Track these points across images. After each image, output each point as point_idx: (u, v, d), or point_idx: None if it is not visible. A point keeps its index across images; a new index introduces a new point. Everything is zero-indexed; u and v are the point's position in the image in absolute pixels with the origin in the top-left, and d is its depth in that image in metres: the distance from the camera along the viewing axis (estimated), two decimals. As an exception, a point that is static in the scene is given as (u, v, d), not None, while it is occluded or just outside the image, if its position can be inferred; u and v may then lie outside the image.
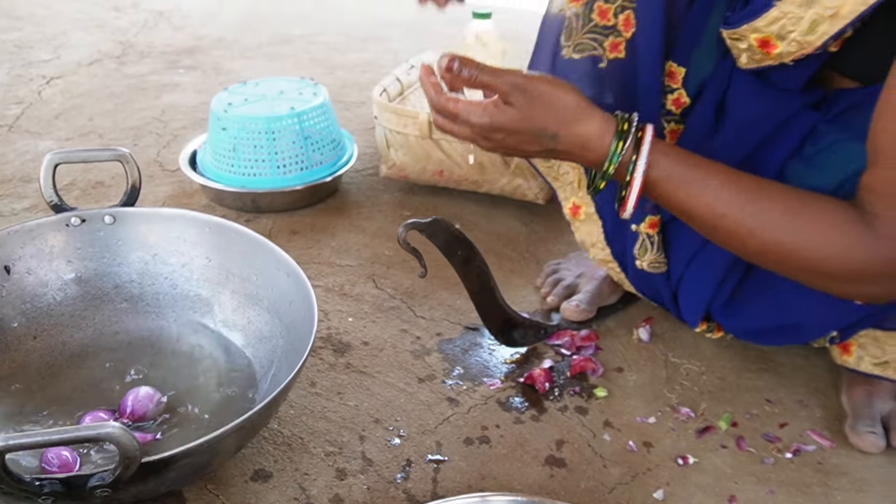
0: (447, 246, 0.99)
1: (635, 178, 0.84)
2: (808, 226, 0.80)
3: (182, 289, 1.08)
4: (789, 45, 0.84)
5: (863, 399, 1.00)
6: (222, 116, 1.42)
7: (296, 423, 0.99)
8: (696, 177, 0.84)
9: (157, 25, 2.59)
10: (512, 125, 0.85)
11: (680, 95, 1.00)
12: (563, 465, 0.94)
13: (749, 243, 0.83)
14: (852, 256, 0.78)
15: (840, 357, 1.00)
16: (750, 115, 0.95)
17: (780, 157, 0.93)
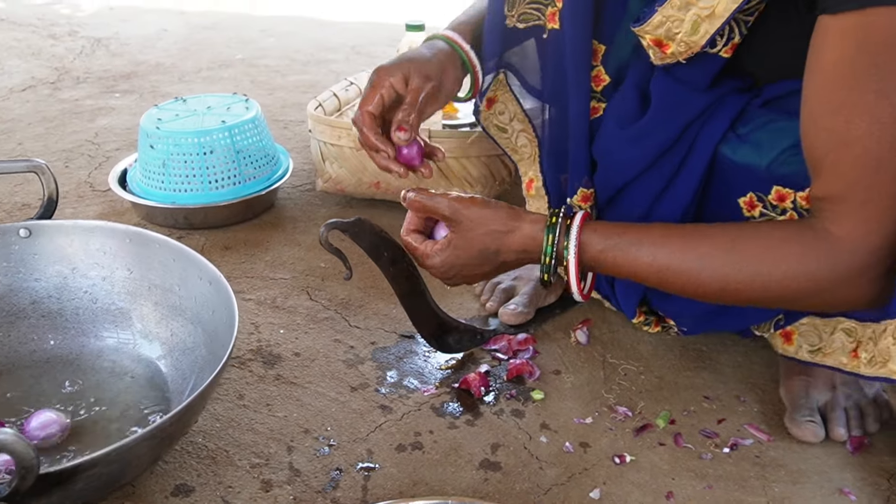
0: (372, 247, 0.96)
1: (570, 261, 0.87)
2: (760, 256, 0.79)
3: (103, 303, 1.04)
4: (678, 45, 0.87)
5: (801, 390, 1.00)
6: (152, 133, 1.39)
7: (221, 437, 0.95)
8: (630, 241, 0.86)
9: (95, 52, 2.55)
10: (457, 258, 0.91)
11: (599, 73, 1.01)
12: (499, 469, 0.91)
13: (705, 288, 0.83)
14: (816, 272, 0.77)
15: (781, 346, 1.00)
16: (671, 104, 0.95)
17: (712, 138, 0.94)
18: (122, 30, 2.80)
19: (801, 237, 0.78)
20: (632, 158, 0.98)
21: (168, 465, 0.90)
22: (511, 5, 1.02)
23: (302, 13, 3.10)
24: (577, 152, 1.04)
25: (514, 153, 1.15)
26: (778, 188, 0.89)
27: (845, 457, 0.94)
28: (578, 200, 1.05)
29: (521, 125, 1.12)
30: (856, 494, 0.89)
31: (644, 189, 0.99)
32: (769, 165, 0.88)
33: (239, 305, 1.19)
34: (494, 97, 1.12)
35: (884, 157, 0.71)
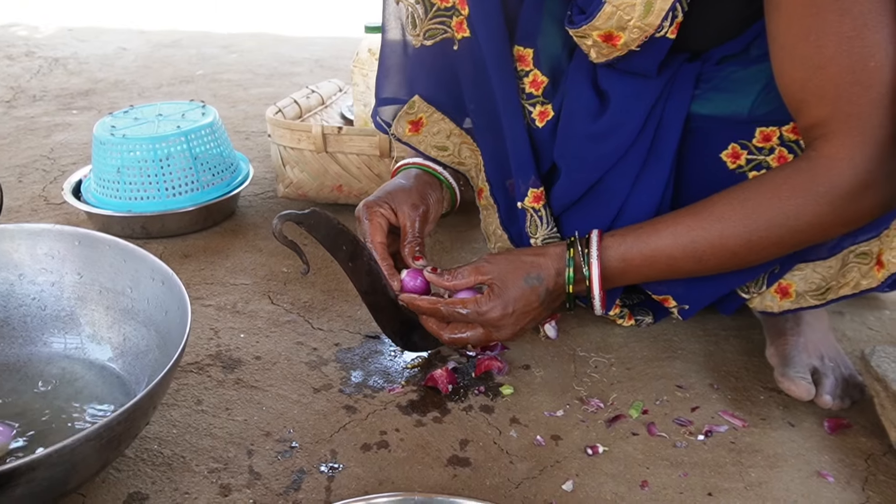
0: (330, 240, 0.92)
1: (592, 265, 0.90)
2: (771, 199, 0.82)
3: (52, 309, 1.00)
4: (631, 32, 0.86)
5: (793, 348, 0.99)
6: (105, 140, 1.35)
7: (178, 443, 0.91)
8: (647, 232, 0.88)
9: (52, 71, 2.51)
10: (508, 296, 0.90)
11: (535, 76, 1.00)
12: (468, 465, 0.88)
13: (733, 249, 0.85)
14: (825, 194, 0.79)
15: (778, 303, 0.99)
16: (630, 95, 0.95)
17: (679, 108, 0.94)
18: (81, 49, 2.75)
19: (801, 169, 0.81)
20: (602, 155, 0.97)
21: (121, 473, 0.86)
22: (414, 25, 1.01)
23: (265, 30, 3.08)
24: (517, 154, 1.02)
25: (460, 166, 1.12)
26: (761, 129, 0.91)
27: (822, 439, 0.92)
28: (530, 202, 1.04)
29: (460, 138, 1.09)
30: (834, 476, 0.86)
31: (618, 177, 0.98)
32: (751, 107, 0.89)
33: (198, 311, 1.16)
34: (419, 120, 1.08)
35: (856, 68, 0.74)
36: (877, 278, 0.87)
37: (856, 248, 0.90)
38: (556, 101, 1.01)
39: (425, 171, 1.07)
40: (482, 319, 0.90)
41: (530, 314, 0.92)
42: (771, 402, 0.98)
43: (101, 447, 0.71)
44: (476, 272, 0.91)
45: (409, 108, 1.06)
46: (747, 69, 0.91)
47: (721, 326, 1.14)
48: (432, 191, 1.05)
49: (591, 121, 0.97)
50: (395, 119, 1.07)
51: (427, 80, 1.06)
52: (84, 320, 0.99)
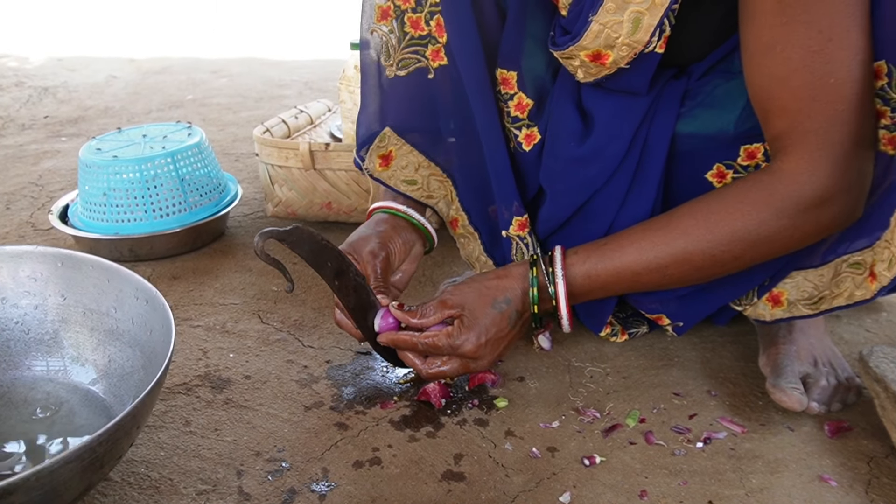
0: (314, 256, 0.90)
1: (558, 285, 0.89)
2: (732, 213, 0.82)
3: (36, 333, 0.98)
4: (620, 50, 0.85)
5: (784, 358, 0.97)
6: (91, 163, 1.34)
7: (165, 465, 0.88)
8: (612, 249, 0.88)
9: (42, 100, 2.50)
10: (479, 325, 0.88)
11: (520, 99, 0.99)
12: (462, 479, 0.86)
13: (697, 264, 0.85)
14: (784, 209, 0.79)
15: (770, 312, 0.97)
16: (615, 116, 0.94)
17: (665, 128, 0.93)
18: (71, 78, 2.75)
19: (761, 183, 0.81)
20: (587, 179, 0.97)
21: (107, 497, 0.84)
22: (388, 55, 0.99)
23: (254, 54, 3.09)
24: (500, 181, 1.01)
25: (429, 199, 1.10)
26: (746, 147, 0.91)
27: (823, 442, 0.90)
28: (515, 231, 1.03)
29: (429, 170, 1.08)
30: (836, 480, 0.85)
31: (605, 200, 0.98)
32: (736, 123, 0.89)
33: (187, 332, 1.14)
34: (389, 154, 1.06)
35: (817, 84, 0.74)
36: (870, 290, 0.86)
37: (849, 257, 0.88)
38: (542, 124, 1.01)
39: (394, 215, 1.05)
40: (458, 353, 0.89)
41: (504, 339, 0.91)
42: (769, 408, 0.97)
43: (81, 470, 0.69)
44: (442, 306, 0.90)
45: (380, 142, 1.05)
46: (731, 82, 0.91)
47: (717, 333, 1.13)
48: (398, 235, 1.03)
49: (576, 144, 0.96)
50: (368, 153, 1.06)
51: (399, 111, 1.04)
52: (68, 343, 0.97)
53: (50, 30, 3.69)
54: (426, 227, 1.06)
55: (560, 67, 0.97)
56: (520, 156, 1.02)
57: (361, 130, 1.05)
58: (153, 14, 4.05)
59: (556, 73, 0.99)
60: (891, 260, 0.80)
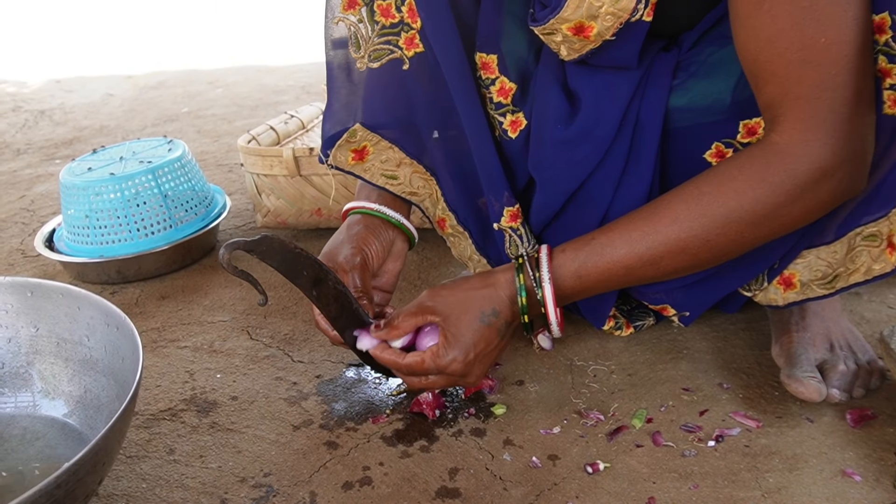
0: (287, 266, 0.85)
1: (545, 289, 0.83)
2: (725, 192, 0.76)
3: (11, 367, 0.94)
4: (604, 20, 0.79)
5: (798, 346, 0.91)
6: (70, 185, 1.30)
7: (147, 498, 0.84)
8: (601, 244, 0.82)
9: (38, 124, 2.49)
10: (465, 340, 0.82)
11: (503, 83, 0.93)
12: (458, 496, 0.81)
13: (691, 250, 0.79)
14: (781, 184, 0.73)
15: (782, 295, 0.90)
16: (602, 93, 0.88)
17: (657, 104, 0.87)
18: (67, 100, 2.74)
19: (754, 158, 0.75)
20: (576, 163, 0.90)
21: (85, 537, 0.80)
22: (357, 47, 0.94)
23: (250, 62, 3.05)
24: (487, 171, 0.95)
25: (413, 196, 1.04)
26: (745, 122, 0.85)
27: (845, 433, 0.84)
28: (507, 222, 0.97)
29: (411, 167, 1.01)
30: (861, 474, 0.78)
31: (599, 185, 0.91)
32: (733, 91, 0.83)
33: (173, 354, 1.11)
34: (364, 149, 1.00)
35: (807, 44, 0.68)
36: (890, 262, 0.79)
37: (862, 229, 0.82)
38: (527, 109, 0.95)
39: (368, 215, 0.99)
40: (446, 373, 0.83)
41: (494, 352, 0.85)
42: (787, 398, 0.90)
43: (43, 513, 0.65)
44: (421, 311, 0.84)
45: (349, 137, 0.99)
46: (725, 48, 0.84)
47: (728, 321, 1.06)
48: (374, 235, 0.97)
49: (562, 127, 0.90)
50: (335, 148, 1.00)
51: (373, 106, 0.98)
52: (45, 375, 0.93)
53: (48, 52, 3.68)
54: (402, 223, 1.01)
55: (543, 47, 0.91)
56: (506, 144, 0.96)
57: (327, 127, 0.99)
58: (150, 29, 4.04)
59: (538, 54, 0.94)
60: None
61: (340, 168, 1.02)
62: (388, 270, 1.00)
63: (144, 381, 1.04)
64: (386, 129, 0.99)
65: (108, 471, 0.77)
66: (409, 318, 0.84)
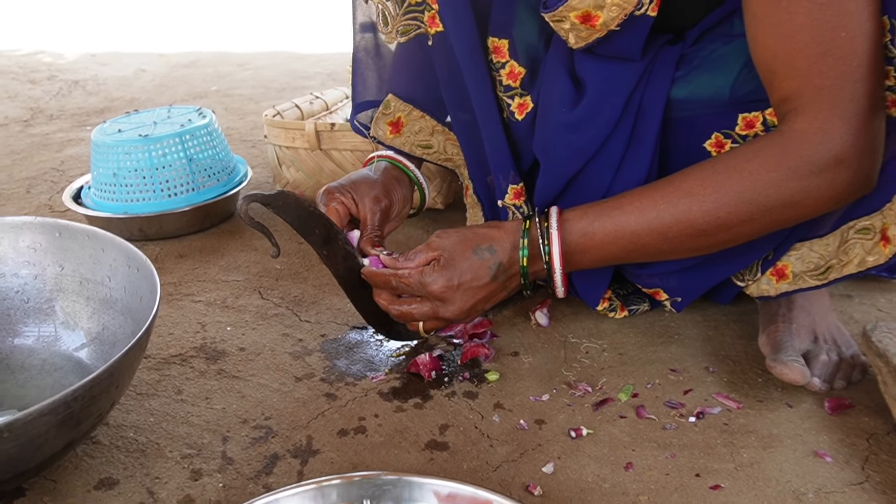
0: (300, 222, 0.89)
1: (553, 243, 0.85)
2: (741, 174, 0.78)
3: (35, 302, 1.00)
4: (610, 10, 0.83)
5: (783, 335, 0.94)
6: (101, 143, 1.36)
7: (154, 431, 0.89)
8: (611, 207, 0.84)
9: (72, 93, 2.56)
10: (454, 267, 0.85)
11: (512, 67, 0.98)
12: (446, 449, 0.85)
13: (700, 227, 0.80)
14: (796, 169, 0.75)
15: (775, 286, 0.94)
16: (607, 82, 0.92)
17: (659, 95, 0.91)
18: (101, 72, 2.81)
19: (772, 143, 0.77)
20: (580, 146, 0.95)
21: (94, 459, 0.85)
22: (386, 23, 0.99)
23: (279, 48, 3.12)
24: (495, 150, 1.00)
25: (448, 162, 1.10)
26: (744, 115, 0.88)
27: (822, 419, 0.88)
28: (511, 200, 1.02)
29: (444, 135, 1.07)
30: (832, 456, 0.82)
31: (600, 168, 0.95)
32: (732, 87, 0.86)
33: (187, 307, 1.16)
34: (398, 120, 1.06)
35: (827, 38, 0.70)
36: (884, 254, 0.82)
37: (855, 223, 0.85)
38: (534, 93, 0.99)
39: (395, 166, 1.05)
40: (426, 291, 0.86)
41: (481, 291, 0.87)
42: (769, 385, 0.94)
43: (58, 424, 0.69)
44: (427, 249, 0.88)
45: (384, 109, 1.05)
46: (729, 45, 0.87)
47: (721, 312, 1.10)
48: (399, 187, 1.03)
49: (568, 110, 0.94)
50: (373, 121, 1.06)
51: (403, 78, 1.04)
52: (67, 311, 0.98)
53: (85, 27, 3.77)
54: (423, 188, 1.06)
55: (553, 35, 0.96)
56: (514, 125, 1.01)
57: (356, 96, 1.05)
58: (184, 10, 4.12)
59: (548, 42, 0.98)
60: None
61: (381, 141, 1.07)
62: (390, 226, 1.04)
63: (158, 328, 1.10)
64: (416, 99, 1.05)
65: (121, 395, 0.82)
66: (417, 253, 0.88)
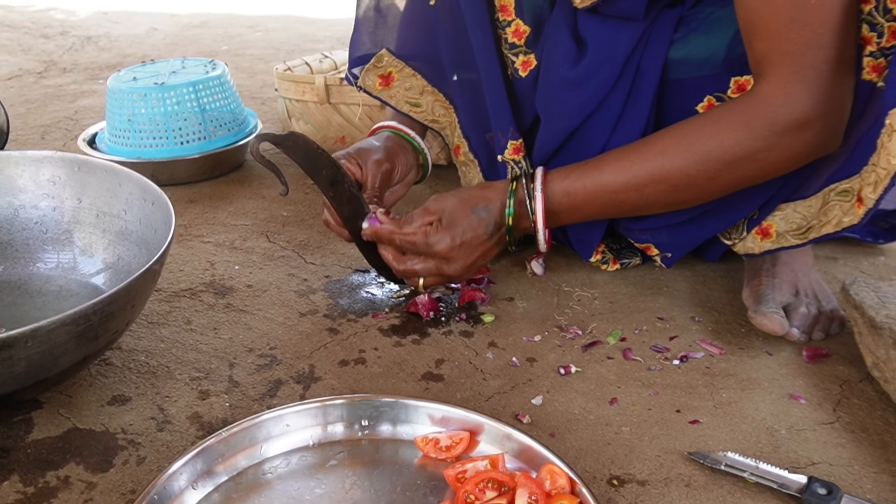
0: (309, 163, 0.93)
1: (536, 198, 0.91)
2: (709, 133, 0.84)
3: (53, 233, 1.04)
4: None
5: (766, 288, 0.99)
6: (117, 90, 1.40)
7: (164, 355, 0.94)
8: (592, 167, 0.89)
9: (84, 48, 2.59)
10: (455, 226, 0.90)
11: (518, 26, 1.01)
12: (441, 380, 0.90)
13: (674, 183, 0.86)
14: (759, 129, 0.80)
15: (759, 244, 0.99)
16: (608, 41, 0.96)
17: (657, 56, 0.95)
18: (113, 30, 2.84)
19: (738, 105, 0.82)
20: (580, 102, 0.98)
21: (107, 378, 0.90)
22: None
23: (290, 12, 3.14)
24: (496, 106, 1.04)
25: (434, 124, 1.15)
26: (736, 79, 0.92)
27: (799, 366, 0.92)
28: (510, 155, 1.06)
29: (433, 96, 1.12)
30: (806, 398, 0.87)
31: (598, 124, 0.99)
32: (727, 48, 0.90)
33: (197, 247, 1.20)
34: (390, 74, 1.11)
35: (797, 4, 0.74)
36: (857, 214, 0.86)
37: (836, 185, 0.89)
38: (538, 51, 1.03)
39: (397, 135, 1.09)
40: (431, 251, 0.92)
41: (479, 248, 0.93)
42: (751, 334, 0.98)
43: (77, 335, 0.74)
44: (425, 213, 0.93)
45: (377, 62, 1.09)
46: (725, 8, 0.91)
47: (709, 268, 1.14)
48: (403, 154, 1.07)
49: (570, 67, 0.98)
50: (364, 71, 1.10)
51: (400, 36, 1.08)
52: (82, 243, 1.03)
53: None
54: (425, 154, 1.10)
55: None
56: (517, 82, 1.04)
57: (353, 49, 1.09)
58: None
59: (553, 1, 1.02)
60: (876, 182, 0.81)
61: (368, 91, 1.11)
62: (395, 192, 1.09)
63: (168, 265, 1.14)
64: (411, 59, 1.09)
65: (136, 316, 0.86)
66: (416, 216, 0.93)
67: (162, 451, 0.78)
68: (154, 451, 0.79)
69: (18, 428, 0.82)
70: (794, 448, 0.79)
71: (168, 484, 0.68)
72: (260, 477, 0.73)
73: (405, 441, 0.77)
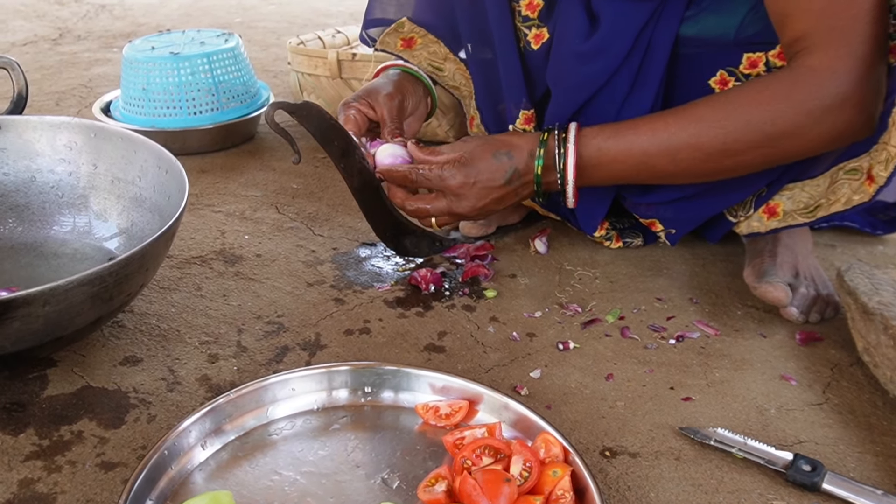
0: (321, 133, 0.96)
1: (568, 150, 0.91)
2: (750, 103, 0.84)
3: (69, 197, 1.07)
4: None
5: (768, 265, 1.00)
6: (132, 59, 1.42)
7: (175, 319, 0.97)
8: (626, 127, 0.90)
9: (98, 16, 2.61)
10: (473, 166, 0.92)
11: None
12: (443, 351, 0.93)
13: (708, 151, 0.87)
14: (804, 102, 0.81)
15: (765, 223, 1.01)
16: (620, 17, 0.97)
17: (668, 31, 0.96)
18: (127, -1, 2.86)
19: (783, 78, 0.83)
20: (590, 76, 1.00)
21: (120, 340, 0.93)
22: None
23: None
24: (509, 77, 1.06)
25: (455, 90, 1.16)
26: (748, 55, 0.93)
27: (792, 349, 0.95)
28: (521, 124, 1.07)
29: (455, 65, 1.13)
30: (797, 380, 0.89)
31: (608, 97, 1.01)
32: (737, 29, 0.91)
33: (208, 216, 1.23)
34: (412, 39, 1.12)
35: None
36: (868, 192, 0.87)
37: (845, 164, 0.91)
38: (551, 24, 1.04)
39: (404, 72, 1.11)
40: (444, 185, 0.93)
41: (494, 192, 0.94)
42: (747, 317, 1.01)
43: (93, 296, 0.77)
44: (452, 149, 0.94)
45: (398, 27, 1.10)
46: None
47: (709, 251, 1.16)
48: (410, 86, 1.08)
49: (581, 41, 0.99)
50: (384, 34, 1.11)
51: (422, 6, 1.10)
52: (97, 208, 1.05)
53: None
54: (432, 87, 1.13)
55: None
56: (529, 55, 1.06)
57: (370, 15, 1.10)
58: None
59: None
60: (888, 160, 0.82)
61: (388, 51, 1.13)
62: (409, 126, 1.10)
63: (179, 232, 1.17)
64: (434, 27, 1.11)
65: (149, 280, 0.89)
66: (441, 151, 0.95)
67: (172, 410, 0.81)
68: (164, 409, 0.82)
69: (34, 384, 0.85)
70: (783, 427, 0.81)
71: (178, 440, 0.71)
72: (266, 437, 0.76)
73: (406, 408, 0.80)
